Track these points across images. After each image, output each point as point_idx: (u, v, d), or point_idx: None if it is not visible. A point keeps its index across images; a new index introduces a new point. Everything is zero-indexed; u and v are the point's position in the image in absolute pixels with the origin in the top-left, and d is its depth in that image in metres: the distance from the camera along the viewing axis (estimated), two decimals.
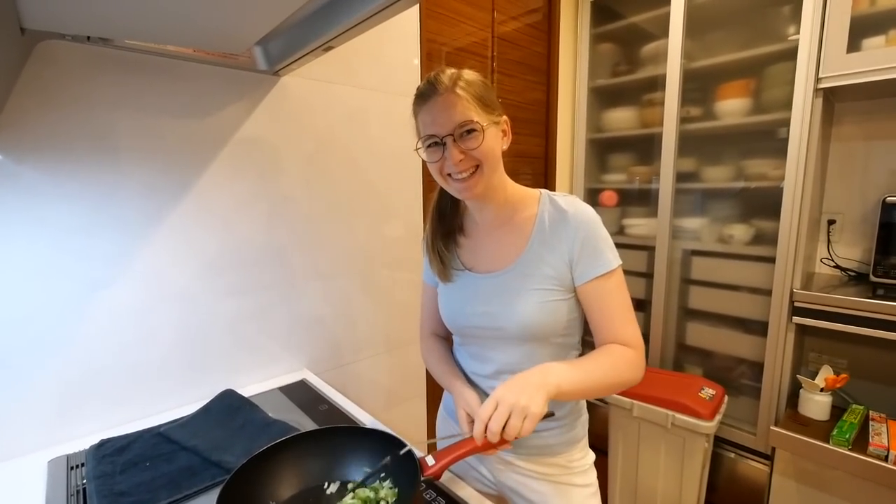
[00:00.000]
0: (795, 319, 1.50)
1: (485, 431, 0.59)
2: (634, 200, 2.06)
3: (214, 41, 0.83)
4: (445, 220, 0.84)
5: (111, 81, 0.86)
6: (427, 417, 1.60)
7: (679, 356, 1.95)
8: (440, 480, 0.73)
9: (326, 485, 0.70)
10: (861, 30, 1.33)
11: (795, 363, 1.59)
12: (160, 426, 0.89)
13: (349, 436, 0.74)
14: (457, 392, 0.79)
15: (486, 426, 0.59)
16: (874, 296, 1.36)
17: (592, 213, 0.73)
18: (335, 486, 0.69)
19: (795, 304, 1.49)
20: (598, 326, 0.73)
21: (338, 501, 0.65)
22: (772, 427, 1.45)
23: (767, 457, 1.61)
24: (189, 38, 0.82)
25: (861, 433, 1.37)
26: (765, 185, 1.64)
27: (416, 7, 1.38)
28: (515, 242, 0.76)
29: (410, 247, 1.46)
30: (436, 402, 1.62)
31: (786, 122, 1.49)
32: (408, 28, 1.38)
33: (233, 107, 1.03)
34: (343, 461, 0.72)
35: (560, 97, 2.00)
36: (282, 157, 1.12)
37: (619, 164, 2.11)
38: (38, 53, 0.78)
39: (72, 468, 0.78)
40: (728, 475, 1.73)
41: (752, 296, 1.67)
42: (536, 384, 0.60)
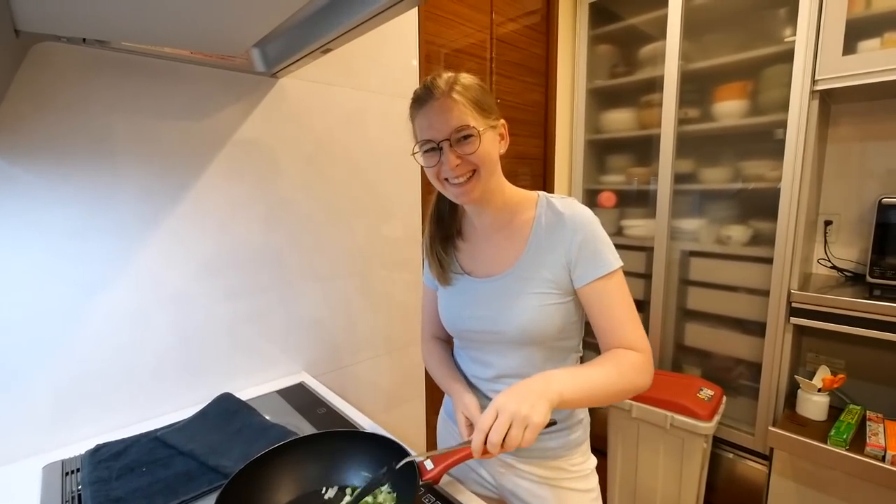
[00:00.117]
0: (793, 320, 1.50)
1: (485, 442, 0.56)
2: (633, 201, 2.06)
3: (212, 43, 0.82)
4: (444, 225, 0.84)
5: (107, 84, 0.86)
6: (426, 419, 1.60)
7: (677, 357, 1.96)
8: (439, 485, 0.72)
9: (324, 490, 0.70)
10: (856, 32, 1.34)
11: (793, 364, 1.60)
12: (157, 430, 0.88)
13: (347, 440, 0.74)
14: (456, 396, 0.79)
15: (487, 437, 0.56)
16: (871, 296, 1.37)
17: (589, 215, 0.73)
18: (333, 491, 0.69)
19: (793, 305, 1.50)
20: (602, 330, 0.71)
21: None
22: (770, 427, 1.45)
23: (766, 457, 1.61)
24: (186, 40, 0.81)
25: (858, 433, 1.38)
26: (762, 187, 1.65)
27: (415, 9, 1.38)
28: (514, 246, 0.76)
29: (409, 247, 1.45)
30: (435, 404, 1.62)
31: (783, 124, 1.50)
32: (406, 30, 1.38)
33: (230, 109, 1.02)
34: (341, 466, 0.72)
35: (558, 98, 2.00)
36: (280, 159, 1.12)
37: (618, 166, 2.11)
38: (34, 56, 0.78)
39: (67, 474, 0.77)
40: (727, 475, 1.73)
41: (750, 296, 1.68)
42: (538, 392, 0.57)
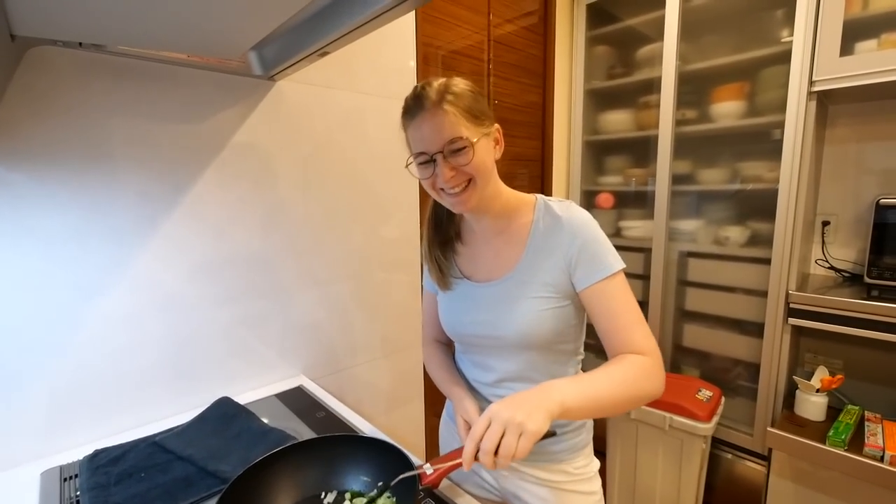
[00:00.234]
0: (791, 321, 1.50)
1: (476, 452, 0.54)
2: (631, 202, 2.06)
3: (209, 46, 0.82)
4: (442, 229, 0.84)
5: (104, 88, 0.85)
6: (425, 421, 1.60)
7: (676, 358, 1.96)
8: (438, 489, 0.72)
9: (324, 494, 0.69)
10: (854, 33, 1.35)
11: (791, 364, 1.60)
12: (155, 435, 0.88)
13: (346, 445, 0.74)
14: (456, 400, 0.79)
15: (479, 446, 0.54)
16: (869, 297, 1.37)
17: (587, 218, 0.72)
18: (332, 496, 0.69)
19: (791, 306, 1.50)
20: (606, 333, 0.69)
21: None
22: (768, 428, 1.45)
23: (764, 457, 1.62)
24: (183, 44, 0.81)
25: (857, 434, 1.38)
26: (760, 187, 1.65)
27: (413, 11, 1.38)
28: (512, 251, 0.76)
29: (407, 249, 1.45)
30: (434, 406, 1.62)
31: (780, 125, 1.51)
32: (404, 31, 1.37)
33: (228, 112, 1.02)
34: (340, 470, 0.72)
35: (556, 100, 2.00)
36: (277, 162, 1.12)
37: (616, 167, 2.11)
38: (30, 60, 0.77)
39: (65, 479, 0.77)
40: (725, 476, 1.74)
41: (748, 297, 1.68)
42: (536, 401, 0.55)
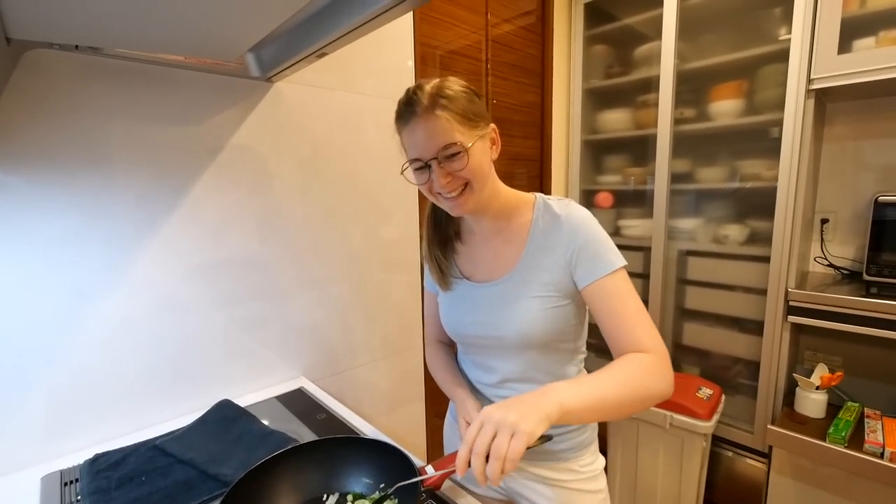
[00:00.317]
0: (791, 318, 1.51)
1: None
2: (630, 201, 2.06)
3: (206, 48, 0.82)
4: (441, 228, 0.84)
5: (101, 90, 0.85)
6: (426, 421, 1.60)
7: (676, 356, 1.96)
8: (441, 490, 0.72)
9: (326, 497, 0.69)
10: (852, 31, 1.35)
11: (791, 362, 1.60)
12: (155, 439, 0.88)
13: (348, 447, 0.74)
14: (459, 401, 0.79)
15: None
16: (868, 294, 1.37)
17: (586, 216, 0.72)
18: (334, 499, 0.69)
19: (790, 304, 1.50)
20: (610, 332, 0.68)
21: None
22: (769, 426, 1.46)
23: (765, 455, 1.62)
24: (180, 46, 0.80)
25: (857, 430, 1.38)
26: (759, 186, 1.65)
27: (411, 11, 1.38)
28: (512, 250, 0.75)
29: (407, 249, 1.45)
30: (434, 406, 1.62)
31: (778, 123, 1.51)
32: (401, 32, 1.37)
33: (226, 114, 1.02)
34: (342, 473, 0.72)
35: (554, 99, 2.00)
36: (276, 164, 1.11)
37: (614, 166, 2.11)
38: (26, 63, 0.77)
39: (66, 484, 0.76)
40: (726, 474, 1.74)
41: (748, 295, 1.69)
42: (531, 402, 0.54)
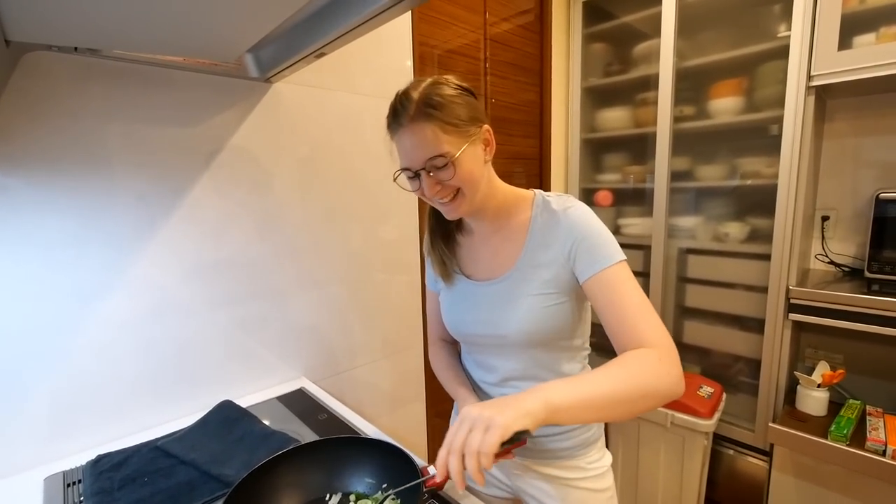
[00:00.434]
0: (792, 316, 1.50)
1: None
2: (629, 200, 2.06)
3: (205, 49, 0.82)
4: (443, 222, 0.83)
5: (101, 92, 0.85)
6: (427, 421, 1.60)
7: None
8: (443, 490, 0.72)
9: (328, 496, 0.69)
10: (852, 27, 1.34)
11: (792, 359, 1.60)
12: (157, 440, 0.88)
13: (350, 447, 0.74)
14: (461, 400, 0.79)
15: None
16: (869, 291, 1.37)
17: (584, 211, 0.71)
18: (337, 498, 0.69)
19: (791, 301, 1.50)
20: (611, 327, 0.65)
21: None
22: (770, 424, 1.46)
23: (766, 453, 1.62)
24: (179, 47, 0.80)
25: (858, 428, 1.38)
26: (759, 183, 1.65)
27: (409, 11, 1.37)
28: (511, 248, 0.75)
29: (406, 249, 1.45)
30: (435, 406, 1.62)
31: (778, 120, 1.50)
32: (400, 31, 1.37)
33: (225, 115, 1.02)
34: (344, 472, 0.72)
35: (553, 98, 2.00)
36: (275, 165, 1.11)
37: (614, 164, 2.11)
38: (25, 65, 0.77)
39: (68, 485, 0.77)
40: (727, 472, 1.74)
41: (749, 293, 1.68)
42: (513, 399, 0.53)
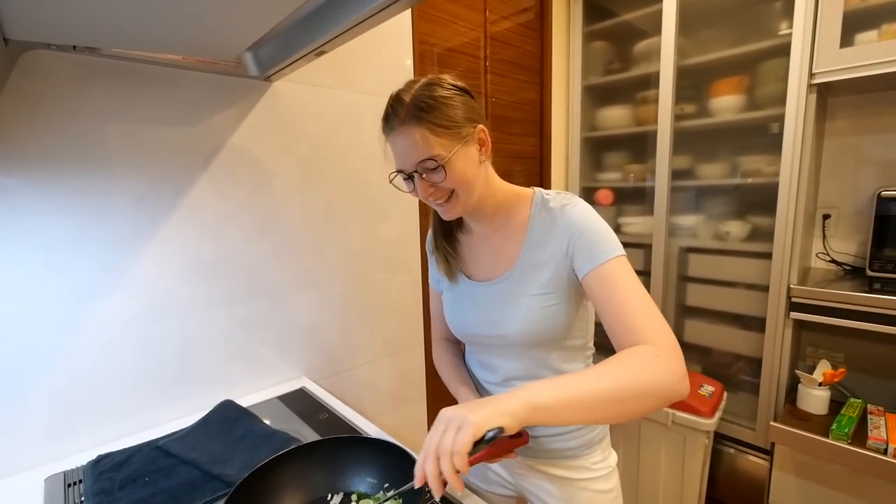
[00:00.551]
0: (793, 315, 1.50)
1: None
2: (630, 199, 2.06)
3: (204, 48, 0.82)
4: (444, 220, 0.82)
5: (99, 91, 0.85)
6: (427, 420, 1.60)
7: None
8: (445, 490, 0.72)
9: (330, 496, 0.69)
10: (854, 25, 1.34)
11: (793, 358, 1.60)
12: (158, 440, 0.88)
13: (351, 446, 0.74)
14: (462, 399, 0.79)
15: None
16: (871, 290, 1.37)
17: (583, 208, 0.70)
18: (338, 498, 0.69)
19: (793, 300, 1.50)
20: (609, 324, 0.63)
21: None
22: (771, 423, 1.45)
23: (767, 452, 1.62)
24: (178, 46, 0.80)
25: (860, 427, 1.38)
26: (760, 181, 1.65)
27: (409, 9, 1.37)
28: (511, 248, 0.75)
29: (407, 249, 1.45)
30: (436, 405, 1.62)
31: (780, 118, 1.50)
32: (400, 29, 1.37)
33: (225, 114, 1.01)
34: (346, 472, 0.72)
35: (553, 96, 1.99)
36: (275, 164, 1.11)
37: (614, 163, 2.11)
38: (24, 64, 0.77)
39: (69, 485, 0.76)
40: (728, 470, 1.74)
41: (750, 292, 1.68)
42: (491, 399, 0.52)
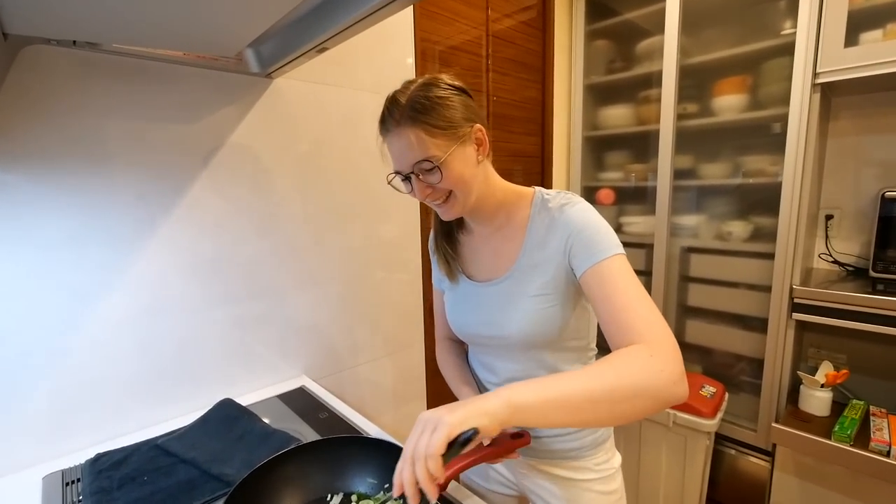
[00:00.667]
0: (795, 316, 1.49)
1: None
2: (632, 198, 2.05)
3: (205, 44, 0.81)
4: (444, 220, 0.82)
5: (100, 86, 0.84)
6: None
7: None
8: (446, 491, 0.71)
9: (329, 497, 0.69)
10: (858, 24, 1.33)
11: (795, 359, 1.59)
12: (157, 438, 0.87)
13: (352, 446, 0.73)
14: (464, 399, 0.78)
15: None
16: (874, 291, 1.36)
17: (582, 207, 0.69)
18: (338, 499, 0.68)
19: (795, 301, 1.49)
20: (605, 323, 0.62)
21: None
22: (773, 424, 1.45)
23: (768, 453, 1.61)
24: (179, 42, 0.79)
25: (862, 429, 1.37)
26: (762, 182, 1.64)
27: (410, 6, 1.36)
28: (511, 248, 0.74)
29: (407, 248, 1.44)
30: (436, 404, 1.61)
31: (783, 118, 1.49)
32: (402, 27, 1.36)
33: (225, 110, 1.01)
34: (346, 472, 0.71)
35: (555, 95, 1.99)
36: (275, 161, 1.10)
37: (616, 162, 2.10)
38: (23, 59, 0.76)
39: (67, 484, 0.76)
40: (729, 472, 1.73)
41: (752, 292, 1.67)
42: (472, 399, 0.52)
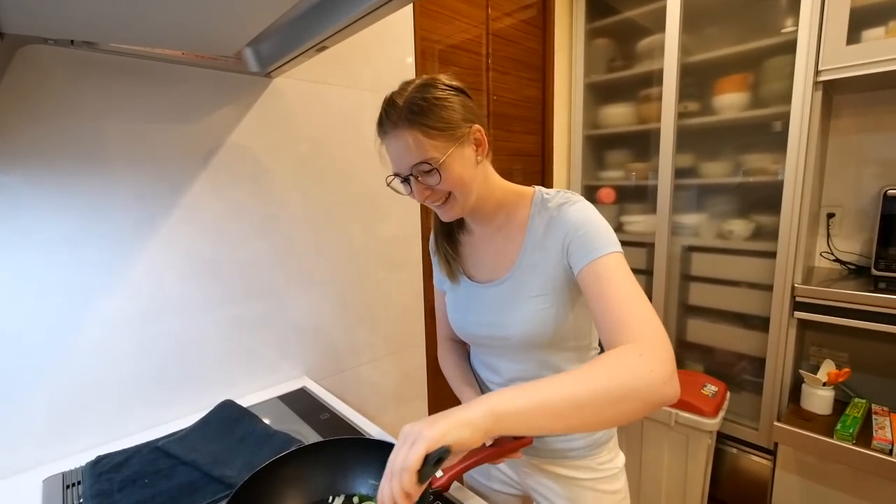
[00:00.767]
0: (797, 314, 1.49)
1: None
2: (632, 197, 2.05)
3: (204, 43, 0.80)
4: (444, 221, 0.82)
5: (98, 86, 0.84)
6: None
7: (680, 353, 1.95)
8: (448, 491, 0.71)
9: (331, 499, 0.68)
10: (860, 21, 1.33)
11: (797, 358, 1.59)
12: (158, 440, 0.87)
13: (353, 448, 0.73)
14: (465, 400, 0.78)
15: None
16: (876, 289, 1.36)
17: (581, 206, 0.68)
18: (340, 500, 0.68)
19: (797, 299, 1.49)
20: (598, 321, 0.61)
21: None
22: (775, 423, 1.45)
23: (770, 452, 1.61)
24: (177, 41, 0.79)
25: (864, 427, 1.37)
26: (764, 180, 1.63)
27: (410, 5, 1.36)
28: (511, 249, 0.74)
29: (407, 247, 1.44)
30: (438, 404, 1.62)
31: (784, 116, 1.49)
32: (401, 26, 1.35)
33: (224, 110, 1.00)
34: (347, 474, 0.71)
35: (556, 94, 1.98)
36: (275, 161, 1.10)
37: (617, 161, 2.09)
38: (20, 59, 0.75)
39: (68, 487, 0.76)
40: (731, 470, 1.73)
41: (753, 291, 1.67)
42: (454, 410, 0.50)
